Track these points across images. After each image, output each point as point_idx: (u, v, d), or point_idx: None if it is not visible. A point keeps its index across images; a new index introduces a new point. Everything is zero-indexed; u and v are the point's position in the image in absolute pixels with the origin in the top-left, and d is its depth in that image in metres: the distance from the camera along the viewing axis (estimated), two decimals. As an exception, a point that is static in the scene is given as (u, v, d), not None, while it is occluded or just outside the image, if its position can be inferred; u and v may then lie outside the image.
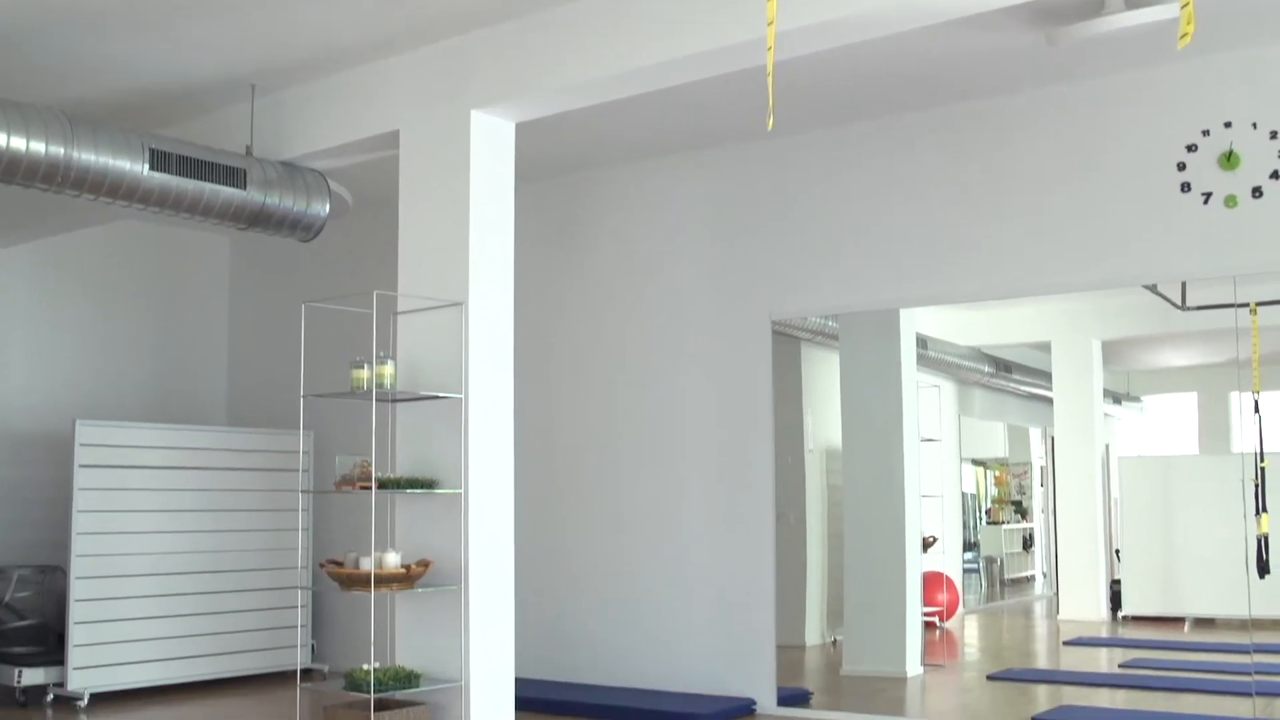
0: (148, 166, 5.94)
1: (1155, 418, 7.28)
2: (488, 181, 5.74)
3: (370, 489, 5.26)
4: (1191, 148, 5.87)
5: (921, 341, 7.16)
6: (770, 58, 3.88)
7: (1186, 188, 5.87)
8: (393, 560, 5.30)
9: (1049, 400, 7.24)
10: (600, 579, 7.60)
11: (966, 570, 7.83)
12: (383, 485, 5.34)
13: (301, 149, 6.52)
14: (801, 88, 6.17)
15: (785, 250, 7.07)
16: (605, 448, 7.66)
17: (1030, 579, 7.98)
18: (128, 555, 7.68)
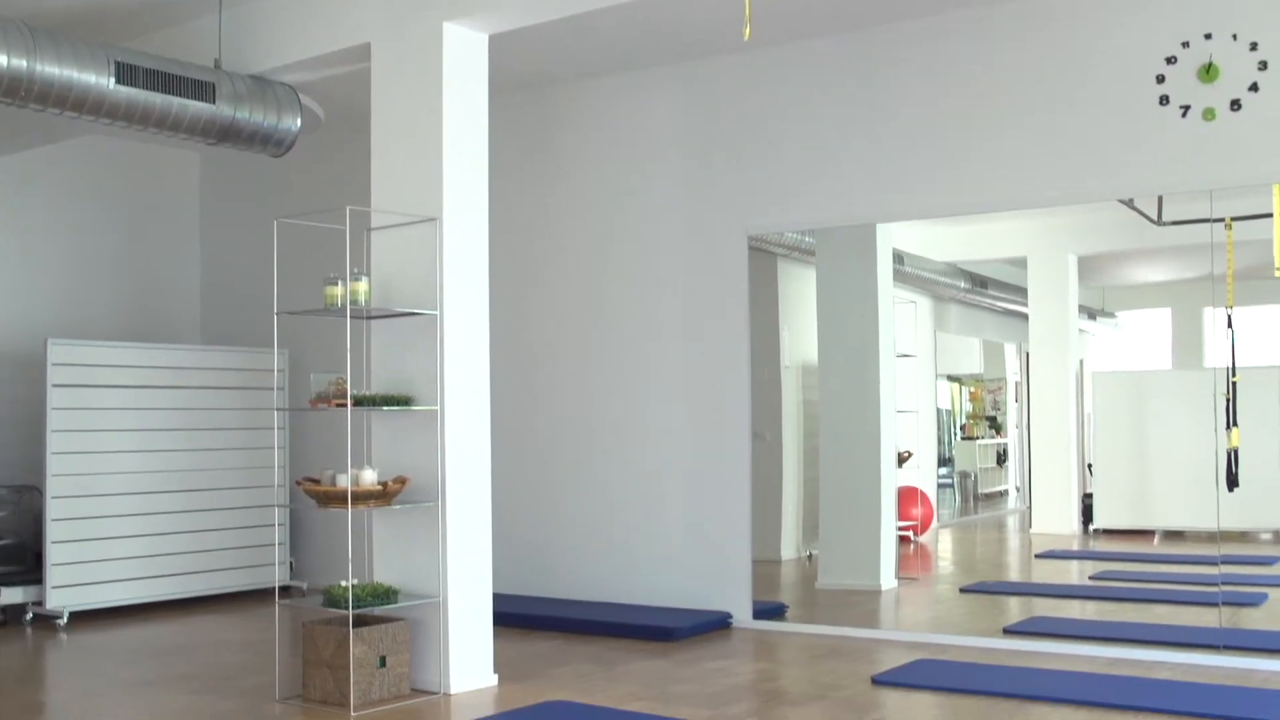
0: (114, 80, 5.83)
1: (1130, 333, 7.30)
2: (461, 95, 5.67)
3: (346, 406, 5.25)
4: (1171, 60, 5.82)
5: (898, 257, 7.15)
6: (747, -34, 3.81)
7: (1165, 101, 5.84)
8: (369, 477, 5.30)
9: (1024, 316, 7.26)
10: (577, 495, 7.63)
11: (941, 485, 7.90)
12: (358, 402, 5.33)
13: (271, 62, 6.41)
14: (779, -1, 6.09)
15: (762, 165, 7.02)
16: (581, 364, 7.65)
17: (1004, 493, 8.05)
18: (104, 474, 7.67)
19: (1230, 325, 6.01)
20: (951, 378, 7.92)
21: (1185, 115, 5.80)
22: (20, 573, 7.55)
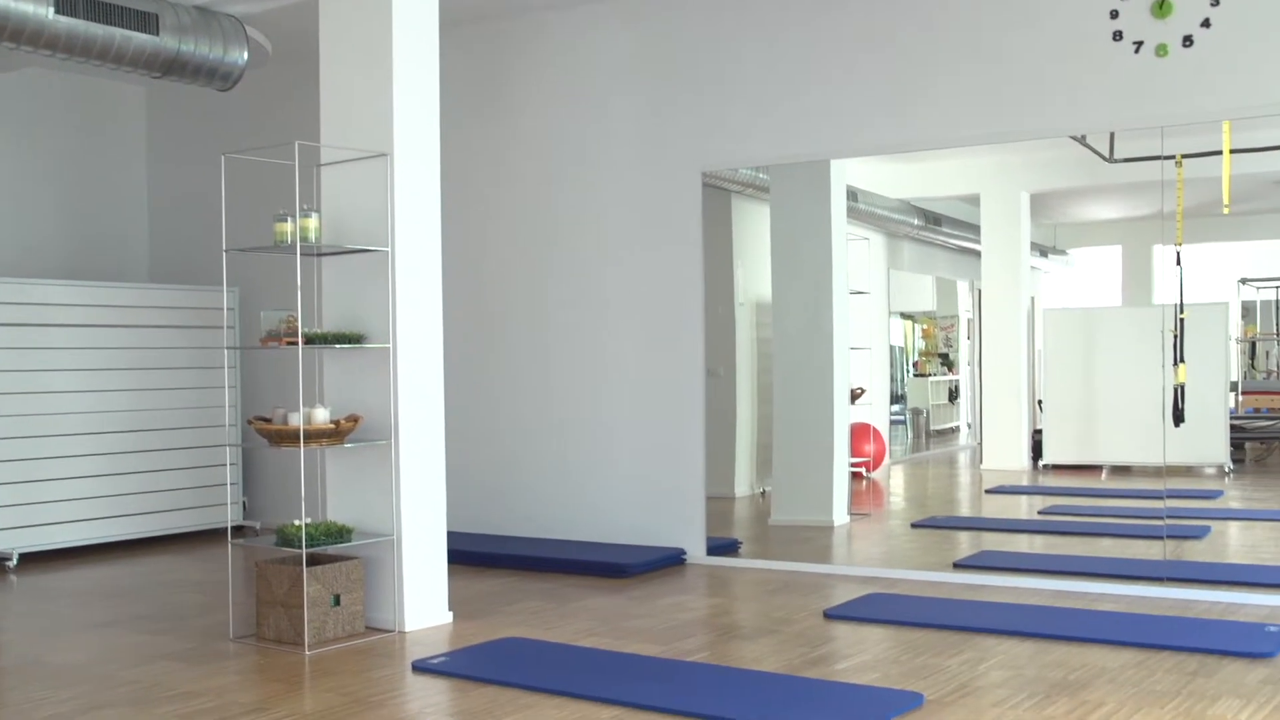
0: (53, 10, 5.69)
1: (1081, 271, 7.36)
2: (412, 27, 5.57)
3: (297, 344, 5.20)
4: (1125, -4, 5.82)
5: (852, 194, 7.15)
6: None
7: (1118, 36, 5.84)
8: (322, 416, 5.26)
9: (977, 253, 7.29)
10: (531, 433, 7.63)
11: (893, 421, 7.96)
12: (310, 340, 5.28)
13: (216, -7, 6.29)
14: (734, -68, 6.01)
15: (716, 101, 6.98)
16: (534, 301, 7.62)
17: (955, 430, 8.13)
18: (52, 415, 7.58)
19: (1179, 263, 6.07)
20: (905, 315, 7.95)
21: (1138, 51, 5.80)
22: (-32, 514, 7.48)
